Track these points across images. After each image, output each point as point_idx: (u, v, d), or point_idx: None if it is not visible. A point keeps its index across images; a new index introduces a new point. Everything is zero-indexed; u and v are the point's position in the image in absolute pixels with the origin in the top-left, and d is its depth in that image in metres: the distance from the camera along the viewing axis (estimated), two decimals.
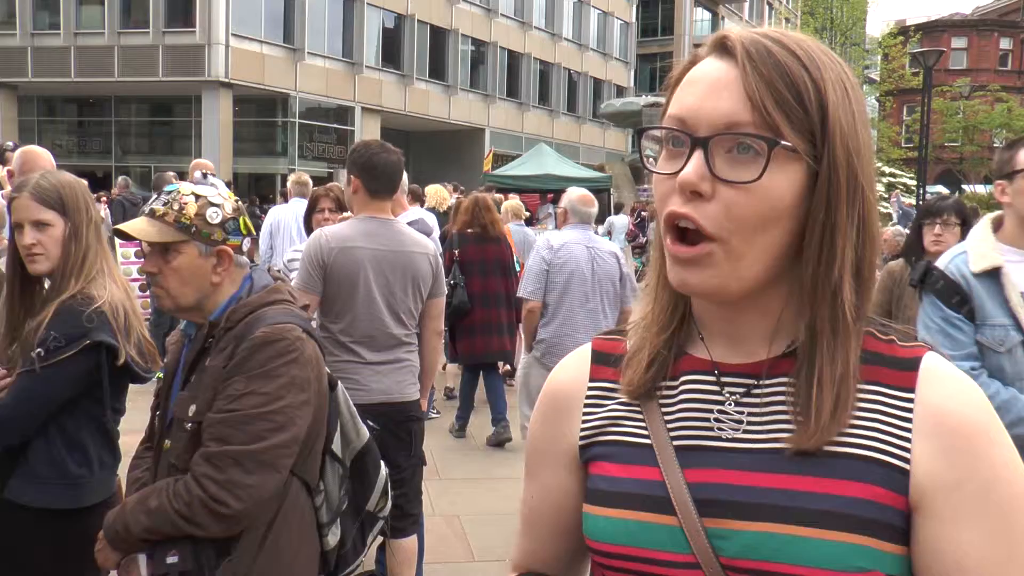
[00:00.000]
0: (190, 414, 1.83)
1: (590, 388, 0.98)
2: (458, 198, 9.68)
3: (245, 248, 1.99)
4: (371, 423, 2.10)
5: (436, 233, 5.43)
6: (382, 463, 2.18)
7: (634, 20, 42.30)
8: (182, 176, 7.98)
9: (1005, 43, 41.70)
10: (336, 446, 2.04)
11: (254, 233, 2.00)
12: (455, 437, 6.43)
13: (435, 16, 31.47)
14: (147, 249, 1.93)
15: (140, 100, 27.66)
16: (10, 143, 6.79)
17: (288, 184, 8.14)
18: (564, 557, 1.01)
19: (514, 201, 8.85)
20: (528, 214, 10.67)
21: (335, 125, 28.71)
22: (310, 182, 7.66)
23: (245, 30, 25.22)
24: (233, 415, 1.76)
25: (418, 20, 30.77)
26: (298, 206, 7.30)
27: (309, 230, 4.37)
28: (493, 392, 6.29)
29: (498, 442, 6.22)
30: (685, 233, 0.82)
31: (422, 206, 8.15)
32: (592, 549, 0.91)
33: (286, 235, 7.16)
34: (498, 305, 6.22)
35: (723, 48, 0.83)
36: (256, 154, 27.40)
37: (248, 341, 1.80)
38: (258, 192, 25.11)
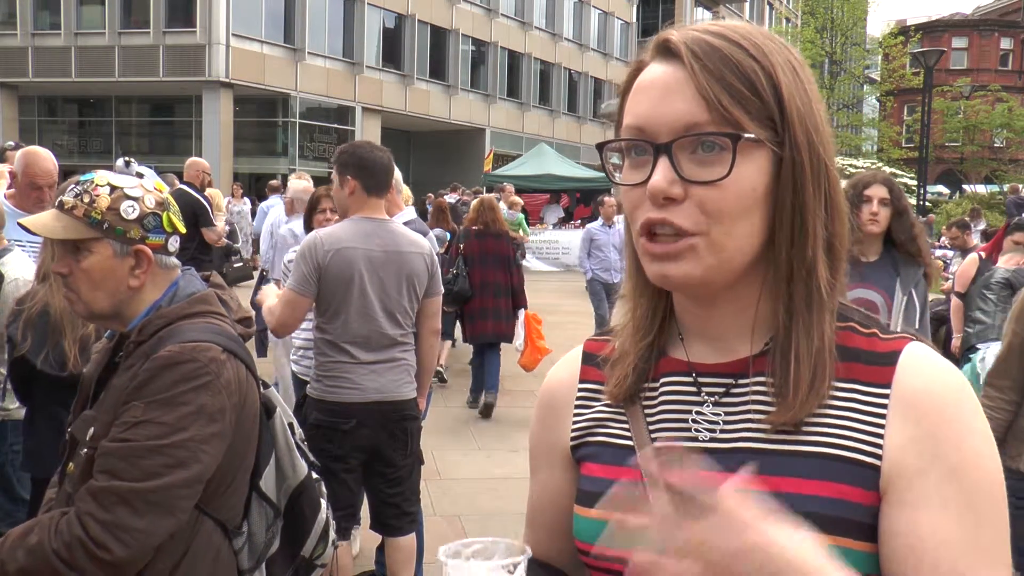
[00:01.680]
0: (87, 438, 1.61)
1: (580, 389, 1.00)
2: (433, 199, 9.87)
3: (173, 248, 1.76)
4: (312, 458, 1.92)
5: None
6: (323, 503, 1.93)
7: (635, 20, 42.29)
8: (181, 177, 7.98)
9: (1006, 43, 41.69)
10: (267, 483, 1.81)
11: (183, 231, 1.79)
12: (469, 407, 7.17)
13: (436, 16, 31.48)
14: (57, 247, 1.73)
15: (141, 100, 27.69)
16: (11, 143, 6.79)
17: (289, 183, 8.15)
18: (564, 554, 1.02)
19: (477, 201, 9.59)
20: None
21: (336, 125, 28.72)
22: (311, 183, 7.67)
23: (245, 30, 25.23)
24: (125, 446, 1.52)
25: (418, 20, 30.78)
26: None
27: (309, 230, 4.37)
28: (489, 368, 7.13)
29: (485, 407, 7.01)
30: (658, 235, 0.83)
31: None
32: (578, 549, 0.92)
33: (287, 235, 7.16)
34: (496, 294, 6.97)
35: (667, 51, 0.83)
36: (256, 154, 27.41)
37: (151, 361, 1.57)
38: (258, 192, 25.12)
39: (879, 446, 0.80)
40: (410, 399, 3.35)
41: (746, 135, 0.79)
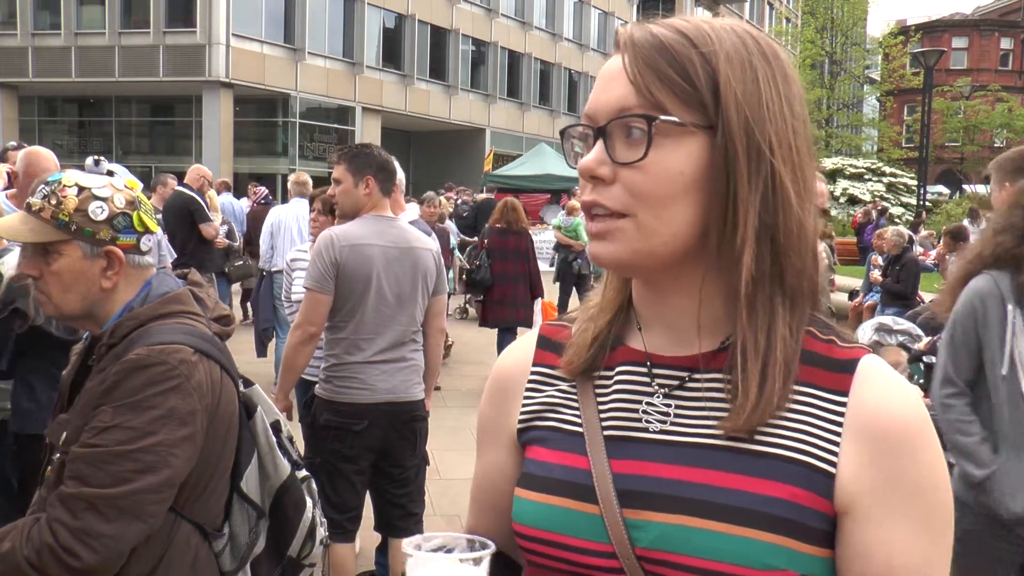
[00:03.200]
0: (60, 442, 1.61)
1: (532, 372, 0.99)
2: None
3: (145, 247, 1.74)
4: (296, 457, 1.93)
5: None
6: (309, 503, 1.92)
7: (635, 20, 42.23)
8: (181, 178, 7.99)
9: (1006, 43, 41.71)
10: (249, 483, 1.79)
11: (155, 230, 1.78)
12: None
13: (436, 16, 31.48)
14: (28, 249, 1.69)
15: (141, 100, 27.68)
16: (12, 143, 6.80)
17: (288, 184, 8.17)
18: (501, 535, 1.00)
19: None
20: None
21: (335, 125, 28.72)
22: (310, 182, 7.68)
23: (245, 30, 25.23)
24: (94, 452, 1.51)
25: (419, 20, 30.77)
26: (298, 206, 7.31)
27: None
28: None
29: None
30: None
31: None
32: (516, 532, 0.92)
33: (287, 235, 7.17)
34: (515, 283, 7.79)
35: (616, 43, 0.86)
36: (256, 154, 27.40)
37: (120, 364, 1.56)
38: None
39: (835, 454, 0.80)
40: (419, 400, 3.36)
41: (662, 117, 0.79)
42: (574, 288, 10.62)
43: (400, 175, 4.12)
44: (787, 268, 0.83)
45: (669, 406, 0.86)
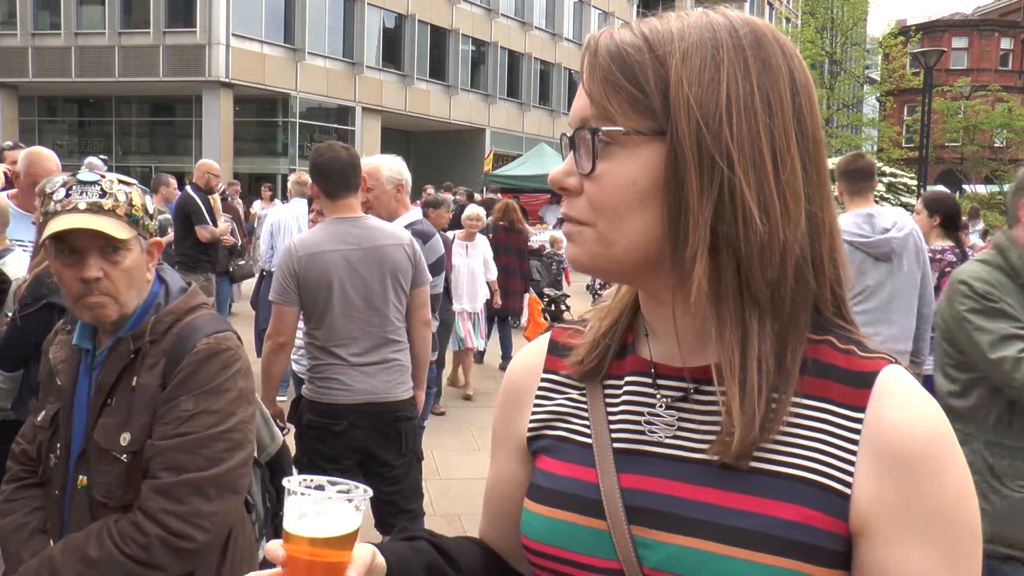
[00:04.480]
0: (123, 443, 1.61)
1: (543, 379, 0.97)
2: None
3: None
4: (281, 424, 2.09)
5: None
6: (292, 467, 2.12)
7: (634, 20, 42.23)
8: (180, 178, 7.99)
9: (1006, 43, 41.69)
10: (256, 452, 1.92)
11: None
12: (501, 370, 8.29)
13: (436, 16, 31.48)
14: (75, 252, 1.64)
15: (140, 100, 27.69)
16: (8, 143, 6.80)
17: (288, 184, 8.19)
18: (506, 542, 1.01)
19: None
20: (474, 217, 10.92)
21: (336, 125, 28.73)
22: (310, 182, 7.67)
23: (245, 30, 25.24)
24: (186, 439, 1.58)
25: (419, 20, 30.78)
26: (298, 206, 7.32)
27: None
28: (505, 337, 8.84)
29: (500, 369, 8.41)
30: None
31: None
32: (524, 546, 0.90)
33: (286, 235, 7.18)
34: (513, 276, 8.67)
35: None
36: (256, 154, 27.41)
37: (192, 355, 1.63)
38: (258, 193, 25.11)
39: (850, 473, 0.76)
40: (404, 399, 3.33)
41: (603, 128, 0.77)
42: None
43: (406, 176, 4.11)
44: (753, 281, 0.77)
45: (673, 416, 0.83)
